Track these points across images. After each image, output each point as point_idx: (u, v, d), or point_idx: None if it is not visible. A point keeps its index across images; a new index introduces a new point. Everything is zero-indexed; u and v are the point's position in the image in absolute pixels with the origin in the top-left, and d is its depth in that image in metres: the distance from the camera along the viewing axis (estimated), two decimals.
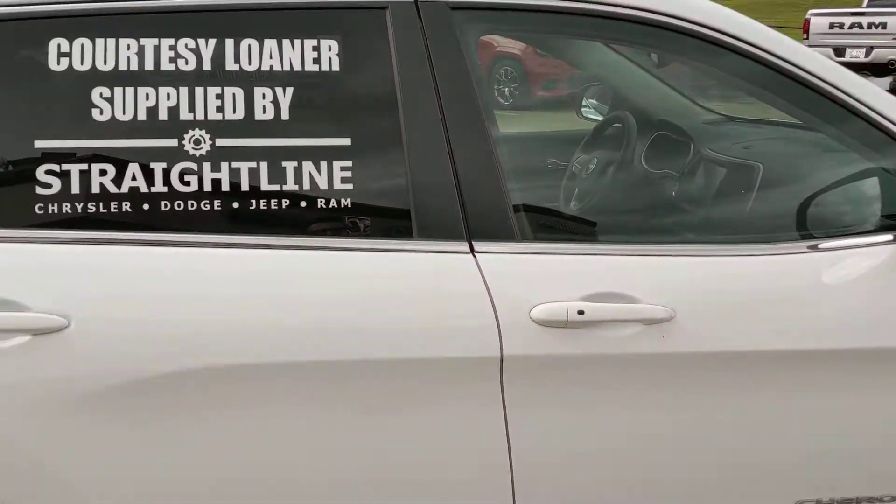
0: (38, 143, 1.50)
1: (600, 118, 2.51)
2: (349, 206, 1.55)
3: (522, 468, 1.59)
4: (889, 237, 1.64)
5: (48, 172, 1.47)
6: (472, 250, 1.55)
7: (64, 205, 1.48)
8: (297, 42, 1.56)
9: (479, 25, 1.73)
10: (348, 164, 1.54)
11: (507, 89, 12.14)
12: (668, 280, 1.60)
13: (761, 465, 1.68)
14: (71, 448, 1.46)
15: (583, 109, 2.65)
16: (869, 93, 1.68)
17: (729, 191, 2.03)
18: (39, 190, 1.47)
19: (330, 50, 1.56)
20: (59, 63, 1.50)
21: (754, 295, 1.62)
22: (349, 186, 1.54)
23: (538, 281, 1.56)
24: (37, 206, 1.47)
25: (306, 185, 1.54)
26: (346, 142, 1.56)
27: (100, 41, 1.51)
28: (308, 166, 1.53)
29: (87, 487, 1.48)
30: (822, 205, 1.71)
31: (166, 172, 1.50)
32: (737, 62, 1.68)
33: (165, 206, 1.50)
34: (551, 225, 1.76)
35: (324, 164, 1.53)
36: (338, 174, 1.54)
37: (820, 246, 1.68)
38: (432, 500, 1.61)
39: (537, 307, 1.52)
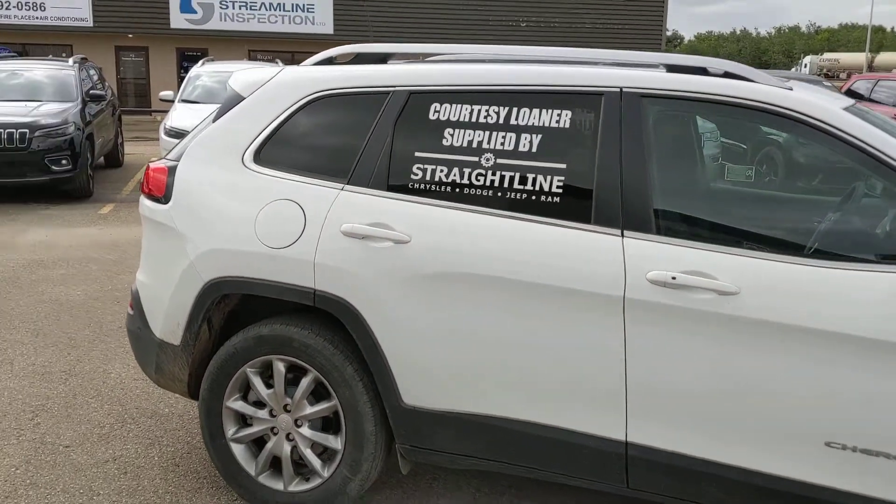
0: (418, 153, 2.98)
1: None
2: (559, 202, 2.77)
3: (639, 374, 2.64)
4: None
5: (418, 168, 2.94)
6: (622, 235, 2.67)
7: (422, 184, 2.93)
8: (545, 109, 2.84)
9: (656, 108, 2.80)
10: (560, 178, 2.77)
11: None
12: (736, 268, 2.53)
13: (802, 405, 2.49)
14: (394, 303, 2.88)
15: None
16: None
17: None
18: (412, 176, 2.94)
19: (565, 115, 2.82)
20: (432, 115, 2.97)
21: (792, 283, 2.47)
22: (560, 191, 2.77)
23: (662, 259, 2.61)
24: (409, 183, 2.94)
25: (546, 187, 2.79)
26: (563, 165, 2.79)
27: (453, 105, 2.95)
28: (539, 179, 2.79)
29: (397, 329, 2.89)
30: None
31: (470, 174, 2.88)
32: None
33: (468, 191, 2.87)
34: (676, 229, 2.72)
35: (545, 177, 2.78)
36: (553, 182, 2.77)
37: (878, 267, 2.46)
38: (559, 393, 2.73)
39: (651, 272, 2.59)
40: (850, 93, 15.97)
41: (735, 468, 2.60)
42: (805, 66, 66.08)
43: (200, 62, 13.81)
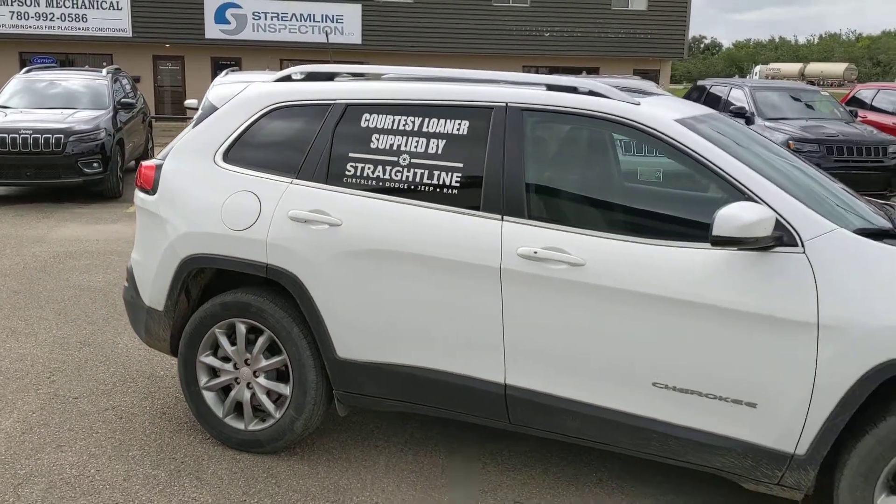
0: (351, 154, 3.68)
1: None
2: (456, 193, 3.45)
3: (514, 329, 3.31)
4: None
5: (350, 166, 3.65)
6: (503, 219, 3.35)
7: (354, 179, 3.63)
8: (449, 119, 3.52)
9: (532, 119, 3.47)
10: (458, 175, 3.46)
11: None
12: (585, 245, 3.20)
13: (634, 353, 3.15)
14: (329, 274, 3.58)
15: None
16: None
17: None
18: (346, 172, 3.64)
19: (463, 125, 3.50)
20: (363, 123, 3.68)
21: (625, 257, 3.13)
22: (458, 184, 3.45)
23: (529, 238, 3.28)
24: (344, 178, 3.65)
25: (447, 181, 3.48)
26: (461, 164, 3.48)
27: (379, 116, 3.65)
28: (443, 175, 3.48)
29: (332, 299, 3.59)
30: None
31: (391, 171, 3.58)
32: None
33: (389, 185, 3.57)
34: (542, 214, 3.37)
35: (447, 173, 3.47)
36: (453, 178, 3.46)
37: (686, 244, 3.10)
38: (454, 346, 3.41)
39: (520, 248, 3.27)
40: (854, 100, 16.38)
41: (587, 404, 3.26)
42: (755, 74, 72.65)
43: (223, 72, 14.66)
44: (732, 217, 2.87)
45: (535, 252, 3.24)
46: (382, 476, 3.72)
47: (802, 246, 2.96)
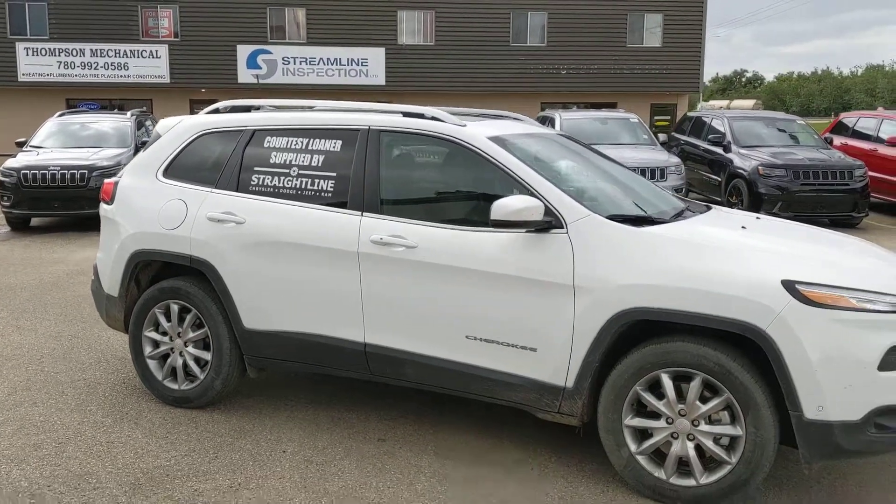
0: (255, 168, 4.70)
1: None
2: (331, 196, 4.44)
3: (369, 299, 4.28)
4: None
5: (255, 177, 4.67)
6: (362, 215, 4.33)
7: (257, 188, 4.65)
8: (327, 140, 4.54)
9: (387, 138, 4.45)
10: (332, 182, 4.45)
11: None
12: (417, 233, 4.16)
13: (452, 313, 4.08)
14: (236, 261, 4.58)
15: None
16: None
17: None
18: (252, 182, 4.66)
19: (337, 144, 4.51)
20: (266, 144, 4.71)
21: (446, 240, 4.08)
22: (332, 189, 4.45)
23: (378, 228, 4.26)
24: (249, 187, 4.67)
25: (324, 187, 4.48)
26: (334, 174, 4.47)
27: (277, 138, 4.68)
28: (321, 182, 4.48)
29: (236, 281, 4.60)
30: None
31: (283, 181, 4.59)
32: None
33: (282, 191, 4.57)
34: (391, 211, 4.32)
35: (324, 181, 4.47)
36: (330, 183, 4.45)
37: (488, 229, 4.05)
38: (328, 314, 4.37)
39: (372, 236, 4.24)
40: (839, 127, 17.04)
41: (421, 355, 4.20)
42: (701, 108, 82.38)
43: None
44: (504, 205, 3.82)
45: (381, 238, 4.22)
46: (282, 423, 4.68)
47: (566, 228, 3.89)
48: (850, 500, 3.83)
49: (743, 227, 4.18)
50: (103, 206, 5.22)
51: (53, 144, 13.80)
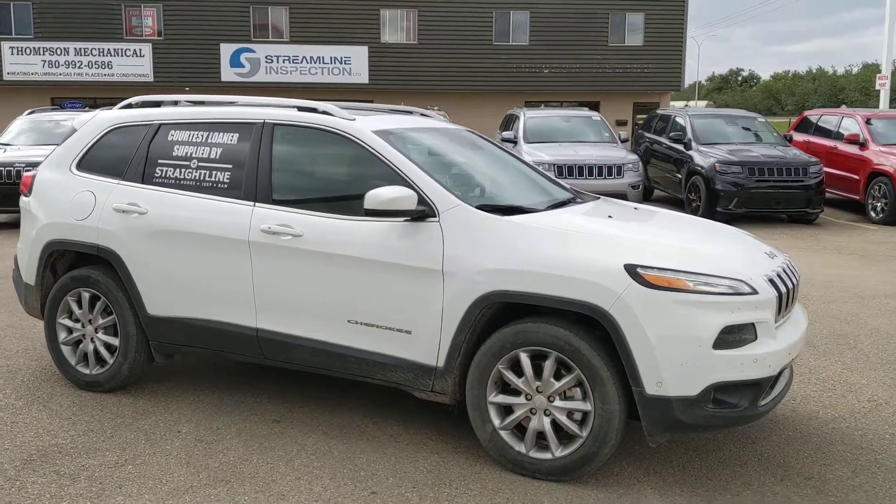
0: (159, 161, 4.90)
1: None
2: (227, 187, 4.65)
3: (260, 286, 4.48)
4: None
5: (159, 170, 4.87)
6: (254, 205, 4.53)
7: (160, 179, 4.85)
8: (225, 133, 4.74)
9: (280, 131, 4.66)
10: (228, 173, 4.66)
11: (878, 204, 13.50)
12: (303, 222, 4.36)
13: (335, 299, 4.29)
14: (140, 250, 4.79)
15: None
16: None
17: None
18: (156, 174, 4.87)
19: (234, 137, 4.71)
20: (169, 137, 4.91)
21: (328, 229, 4.28)
22: (228, 181, 4.65)
23: (268, 218, 4.46)
24: (154, 179, 4.87)
25: (221, 178, 4.68)
26: (231, 166, 4.68)
27: (179, 132, 4.88)
28: (218, 174, 4.69)
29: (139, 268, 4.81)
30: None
31: (184, 172, 4.79)
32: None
33: (183, 182, 4.78)
34: (281, 201, 4.53)
35: (221, 173, 4.67)
36: (226, 175, 4.66)
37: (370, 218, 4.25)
38: (223, 300, 4.58)
39: (262, 225, 4.45)
40: (803, 124, 17.26)
41: (308, 339, 4.40)
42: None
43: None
44: (376, 195, 4.02)
45: (270, 228, 4.42)
46: (185, 406, 4.88)
47: (438, 216, 4.10)
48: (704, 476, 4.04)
49: (609, 217, 4.39)
50: (23, 199, 5.42)
51: (24, 142, 14.00)
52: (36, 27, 29.95)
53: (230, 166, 4.70)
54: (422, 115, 5.62)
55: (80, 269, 5.10)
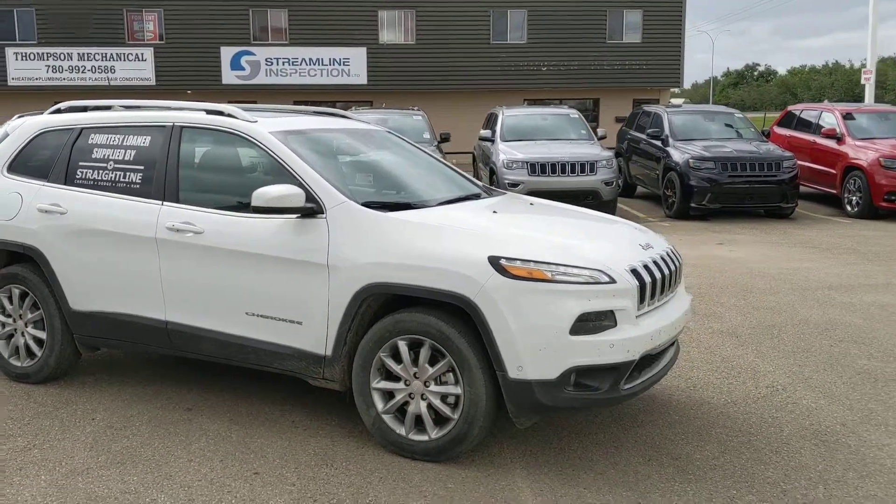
0: (80, 162, 5.15)
1: None
2: (139, 187, 4.88)
3: (167, 281, 4.72)
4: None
5: (80, 171, 5.12)
6: (162, 204, 4.77)
7: (81, 180, 5.10)
8: (139, 136, 4.98)
9: (188, 133, 4.89)
10: (141, 174, 4.90)
11: (853, 198, 13.63)
12: (205, 219, 4.59)
13: (234, 292, 4.51)
14: (62, 247, 5.04)
15: None
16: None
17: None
18: (77, 175, 5.11)
19: (147, 139, 4.95)
20: (90, 140, 5.16)
21: (227, 226, 4.51)
22: (140, 181, 4.89)
23: (173, 216, 4.69)
24: (75, 180, 5.12)
25: (134, 179, 4.92)
26: (143, 167, 4.92)
27: (98, 135, 5.13)
28: (131, 174, 4.93)
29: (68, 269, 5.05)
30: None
31: (102, 174, 5.04)
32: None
33: (101, 183, 5.02)
34: (186, 200, 4.77)
35: (134, 174, 4.91)
36: (139, 175, 4.90)
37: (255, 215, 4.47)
38: (135, 295, 4.82)
39: (167, 223, 4.69)
40: (788, 118, 17.32)
41: (210, 330, 4.63)
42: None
43: None
44: (262, 193, 4.24)
45: (174, 225, 4.66)
46: (106, 396, 5.13)
47: (325, 213, 4.31)
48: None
49: (494, 212, 4.59)
50: None
51: None
52: (39, 32, 30.43)
53: (142, 167, 4.93)
54: (342, 116, 5.84)
55: (10, 266, 5.37)
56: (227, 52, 30.98)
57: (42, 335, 5.28)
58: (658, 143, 15.07)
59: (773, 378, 5.43)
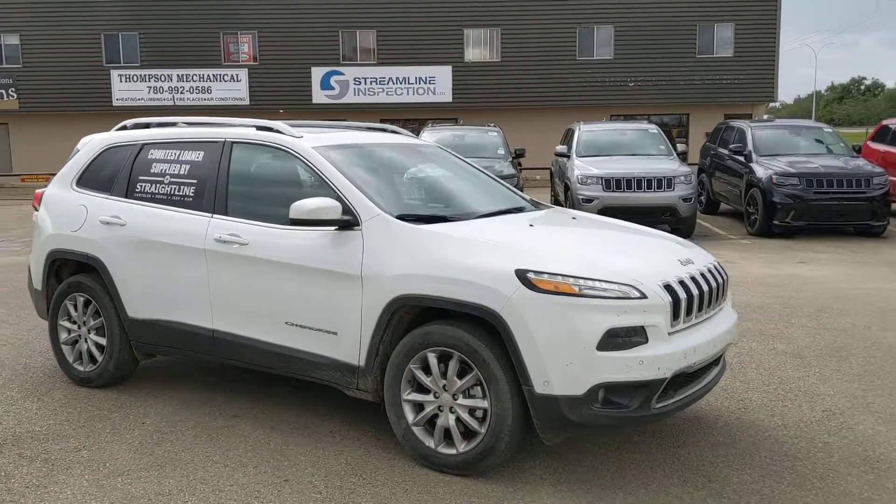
0: (140, 177, 5.38)
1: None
2: (192, 200, 5.06)
3: (214, 290, 4.87)
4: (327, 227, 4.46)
5: (139, 185, 5.34)
6: (212, 216, 4.94)
7: (141, 194, 5.32)
8: (194, 151, 5.16)
9: (239, 149, 5.03)
10: (194, 187, 5.08)
11: None
12: (250, 231, 4.72)
13: (275, 302, 4.62)
14: (122, 258, 5.26)
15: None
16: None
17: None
18: (137, 189, 5.34)
19: (200, 154, 5.14)
20: (150, 156, 5.39)
21: (271, 237, 4.63)
22: (193, 194, 5.07)
23: (221, 228, 4.85)
24: (135, 193, 5.35)
25: (188, 192, 5.11)
26: (195, 181, 5.09)
27: (157, 150, 5.35)
28: (185, 188, 5.11)
29: (125, 274, 5.27)
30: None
31: (159, 187, 5.25)
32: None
33: (158, 196, 5.23)
34: (234, 213, 4.89)
35: (188, 187, 5.10)
36: (192, 189, 5.08)
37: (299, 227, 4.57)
38: (185, 304, 4.98)
39: (216, 235, 4.84)
40: (883, 132, 16.63)
41: (254, 339, 4.75)
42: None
43: None
44: (300, 206, 4.34)
45: (221, 237, 4.81)
46: (160, 402, 5.31)
47: (361, 225, 4.38)
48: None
49: (531, 226, 4.57)
50: (34, 213, 6.01)
51: None
52: (142, 55, 31.88)
53: (195, 181, 5.12)
54: (393, 132, 5.92)
55: (76, 275, 5.63)
56: (317, 73, 31.79)
57: (103, 341, 5.51)
58: (741, 158, 14.68)
59: (831, 401, 5.20)
